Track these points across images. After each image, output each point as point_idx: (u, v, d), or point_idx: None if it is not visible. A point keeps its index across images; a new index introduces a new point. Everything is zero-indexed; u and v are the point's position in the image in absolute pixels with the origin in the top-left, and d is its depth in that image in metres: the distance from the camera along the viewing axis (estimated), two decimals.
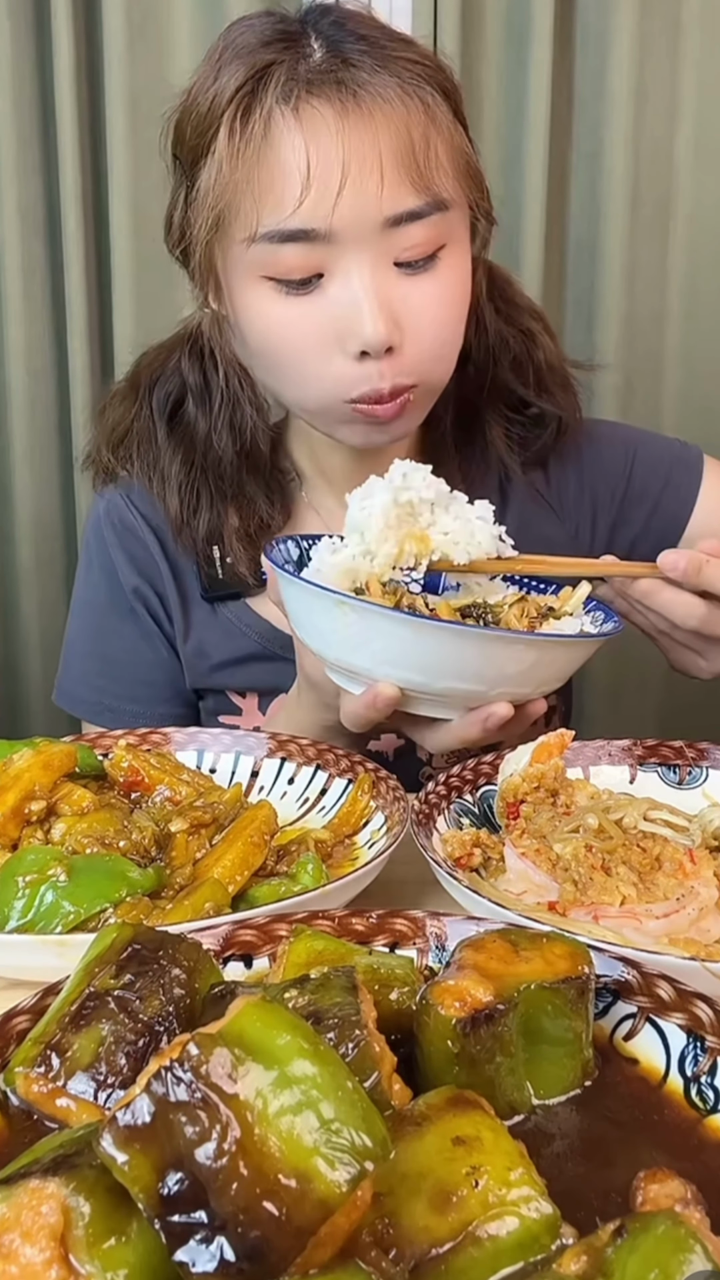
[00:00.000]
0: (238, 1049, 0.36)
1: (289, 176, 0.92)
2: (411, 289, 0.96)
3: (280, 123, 0.92)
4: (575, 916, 0.68)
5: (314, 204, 0.91)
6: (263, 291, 0.97)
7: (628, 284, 1.91)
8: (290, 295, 0.96)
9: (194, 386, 1.12)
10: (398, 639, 0.78)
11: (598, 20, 1.85)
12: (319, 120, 0.92)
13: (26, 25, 1.80)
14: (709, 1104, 0.48)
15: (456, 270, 0.99)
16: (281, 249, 0.93)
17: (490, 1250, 0.36)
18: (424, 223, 0.94)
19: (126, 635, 1.17)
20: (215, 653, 1.15)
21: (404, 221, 0.93)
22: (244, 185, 0.93)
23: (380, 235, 0.93)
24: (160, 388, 1.13)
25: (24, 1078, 0.46)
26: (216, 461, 1.11)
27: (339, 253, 0.93)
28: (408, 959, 0.54)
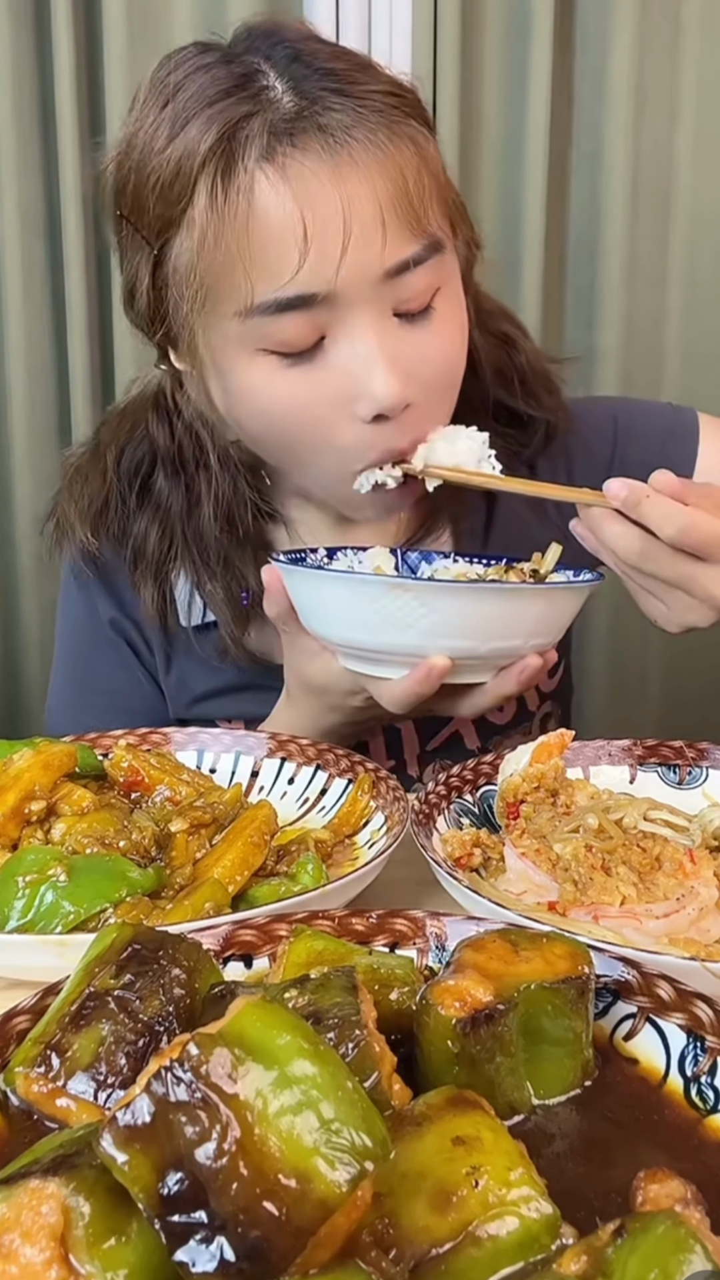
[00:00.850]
0: (238, 1049, 0.36)
1: (283, 241, 0.85)
2: (414, 339, 0.91)
3: (265, 183, 0.85)
4: (575, 916, 0.68)
5: (314, 267, 0.85)
6: (260, 364, 0.90)
7: (628, 282, 1.92)
8: (291, 365, 0.89)
9: (164, 453, 1.05)
10: (455, 609, 0.81)
11: (598, 20, 1.85)
12: (309, 175, 0.84)
13: (26, 25, 1.80)
14: (709, 1104, 0.48)
15: (454, 311, 0.95)
16: (280, 319, 0.87)
17: (490, 1250, 0.36)
18: (423, 268, 0.89)
19: (106, 665, 1.13)
20: (197, 684, 1.12)
21: (405, 270, 0.88)
22: (233, 256, 0.86)
23: (380, 287, 0.88)
24: (128, 456, 1.06)
25: (24, 1078, 0.46)
26: (198, 536, 1.05)
27: (340, 313, 0.87)
28: (408, 959, 0.54)
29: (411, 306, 0.90)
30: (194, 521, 1.05)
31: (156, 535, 1.05)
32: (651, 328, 1.96)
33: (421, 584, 0.83)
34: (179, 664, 1.12)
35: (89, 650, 1.15)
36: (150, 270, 0.93)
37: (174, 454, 1.05)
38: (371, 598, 0.82)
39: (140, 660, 1.13)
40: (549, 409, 1.12)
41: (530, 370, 1.11)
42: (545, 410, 1.11)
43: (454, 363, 0.95)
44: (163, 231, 0.90)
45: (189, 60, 0.91)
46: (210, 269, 0.87)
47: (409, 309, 0.90)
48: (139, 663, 1.13)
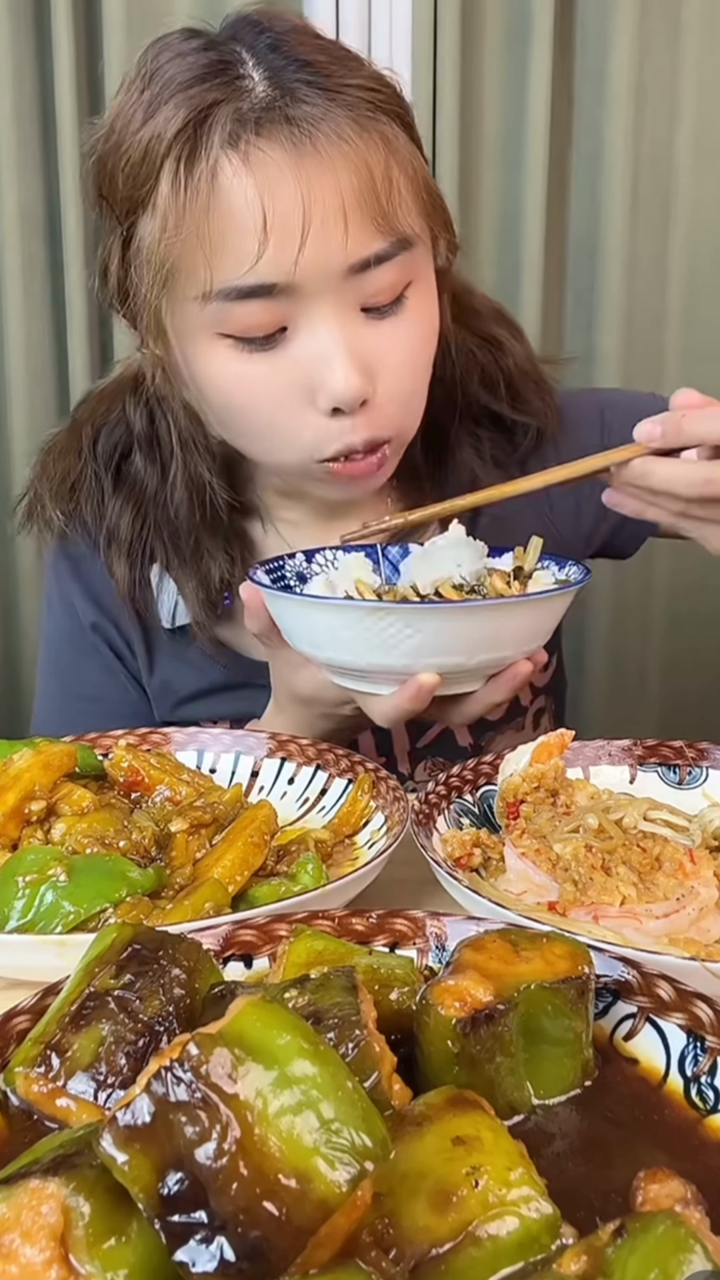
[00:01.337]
0: (238, 1049, 0.36)
1: (243, 230, 0.85)
2: (380, 335, 0.90)
3: (228, 170, 0.85)
4: (575, 916, 0.68)
5: (274, 257, 0.85)
6: (220, 350, 0.90)
7: (628, 282, 1.92)
8: (252, 352, 0.89)
9: (141, 436, 1.05)
10: (441, 629, 0.81)
11: (598, 20, 1.85)
12: (271, 165, 0.84)
13: (26, 25, 1.81)
14: (709, 1104, 0.48)
15: (424, 309, 0.94)
16: (239, 306, 0.87)
17: (490, 1250, 0.36)
18: (390, 264, 0.88)
19: (89, 670, 1.13)
20: (182, 686, 1.11)
21: (369, 266, 0.88)
22: (193, 241, 0.86)
23: (344, 282, 0.87)
24: (105, 438, 1.06)
25: (24, 1078, 0.46)
26: (170, 520, 1.05)
27: (302, 305, 0.87)
28: (408, 959, 0.54)
29: (378, 301, 0.90)
30: (166, 504, 1.05)
31: (130, 517, 1.05)
32: (651, 328, 1.96)
33: (404, 607, 0.81)
34: (162, 666, 1.11)
35: (73, 657, 1.14)
36: (120, 250, 0.93)
37: (150, 437, 1.05)
38: (353, 621, 0.81)
39: (124, 664, 1.12)
40: (538, 412, 1.10)
41: (518, 373, 1.09)
42: (534, 414, 1.10)
43: (419, 362, 0.95)
44: (130, 212, 0.90)
45: (173, 45, 0.92)
46: (171, 252, 0.88)
47: (375, 303, 0.90)
48: (122, 666, 1.12)
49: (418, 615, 0.80)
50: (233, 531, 1.07)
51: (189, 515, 1.04)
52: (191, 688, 1.11)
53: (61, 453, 1.09)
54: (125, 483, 1.06)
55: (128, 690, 1.13)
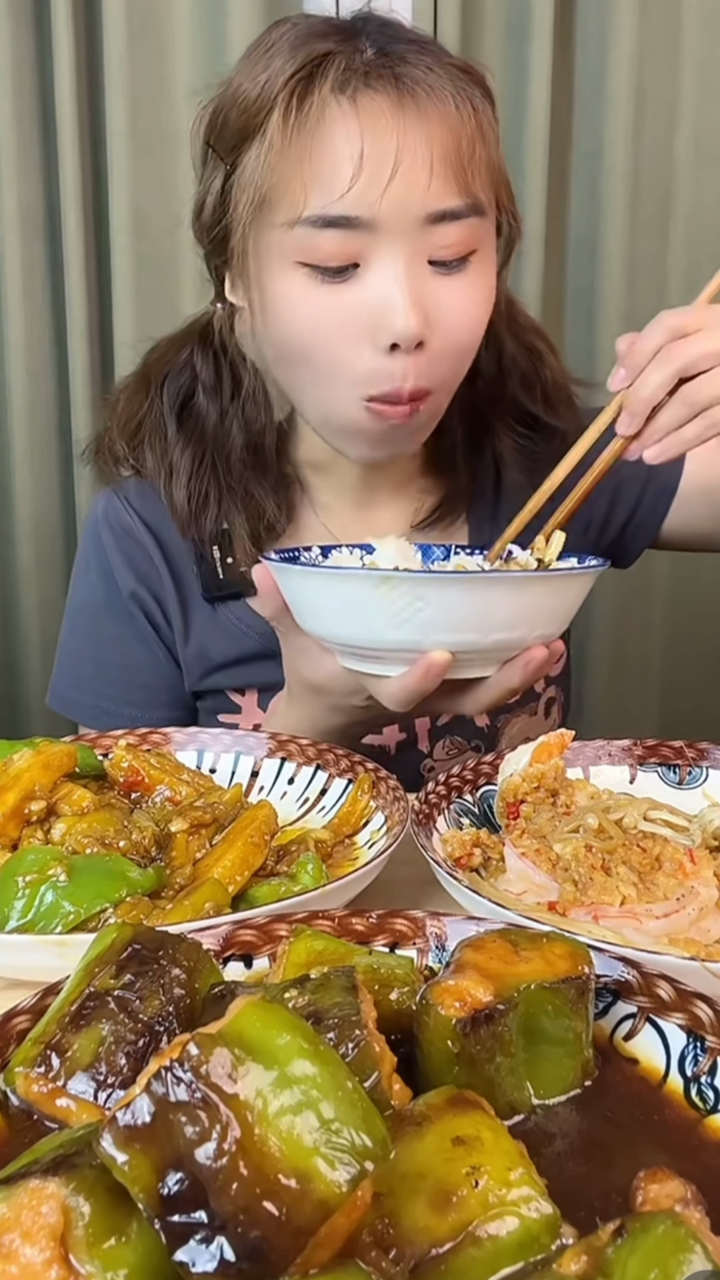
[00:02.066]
0: (238, 1049, 0.36)
1: (341, 161, 0.92)
2: (442, 288, 0.96)
3: (335, 109, 0.93)
4: (575, 916, 0.68)
5: (363, 190, 0.92)
6: (297, 277, 0.96)
7: (628, 283, 1.92)
8: (325, 283, 0.95)
9: (205, 381, 1.12)
10: (453, 601, 0.78)
11: (598, 20, 1.85)
12: (375, 110, 0.93)
13: (26, 25, 1.81)
14: (709, 1104, 0.48)
15: (485, 276, 1.00)
16: (322, 234, 0.93)
17: (490, 1250, 0.36)
18: (461, 224, 0.95)
19: (123, 639, 1.16)
20: (217, 654, 1.15)
21: (444, 220, 0.94)
22: (295, 166, 0.93)
23: (419, 230, 0.94)
24: (172, 381, 1.13)
25: (24, 1078, 0.46)
26: (226, 457, 1.11)
27: (377, 243, 0.94)
28: (408, 959, 0.54)
29: (445, 255, 0.96)
30: (224, 444, 1.11)
31: (190, 456, 1.11)
32: None
33: (414, 576, 0.78)
34: (197, 634, 1.15)
35: (107, 623, 1.17)
36: (221, 182, 1.00)
37: (214, 384, 1.12)
38: (363, 592, 0.79)
39: (158, 633, 1.16)
40: (566, 421, 1.16)
41: (553, 384, 1.17)
42: (562, 421, 1.16)
43: (474, 322, 1.00)
44: (238, 146, 0.98)
45: (290, 21, 1.01)
46: (271, 175, 0.95)
47: (443, 257, 0.96)
48: (156, 635, 1.16)
49: (427, 585, 0.78)
50: (280, 483, 1.13)
51: (242, 456, 1.11)
52: (226, 655, 1.14)
53: (131, 394, 1.15)
54: (188, 424, 1.12)
55: (157, 656, 1.16)
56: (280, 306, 0.98)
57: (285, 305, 0.98)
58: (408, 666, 0.82)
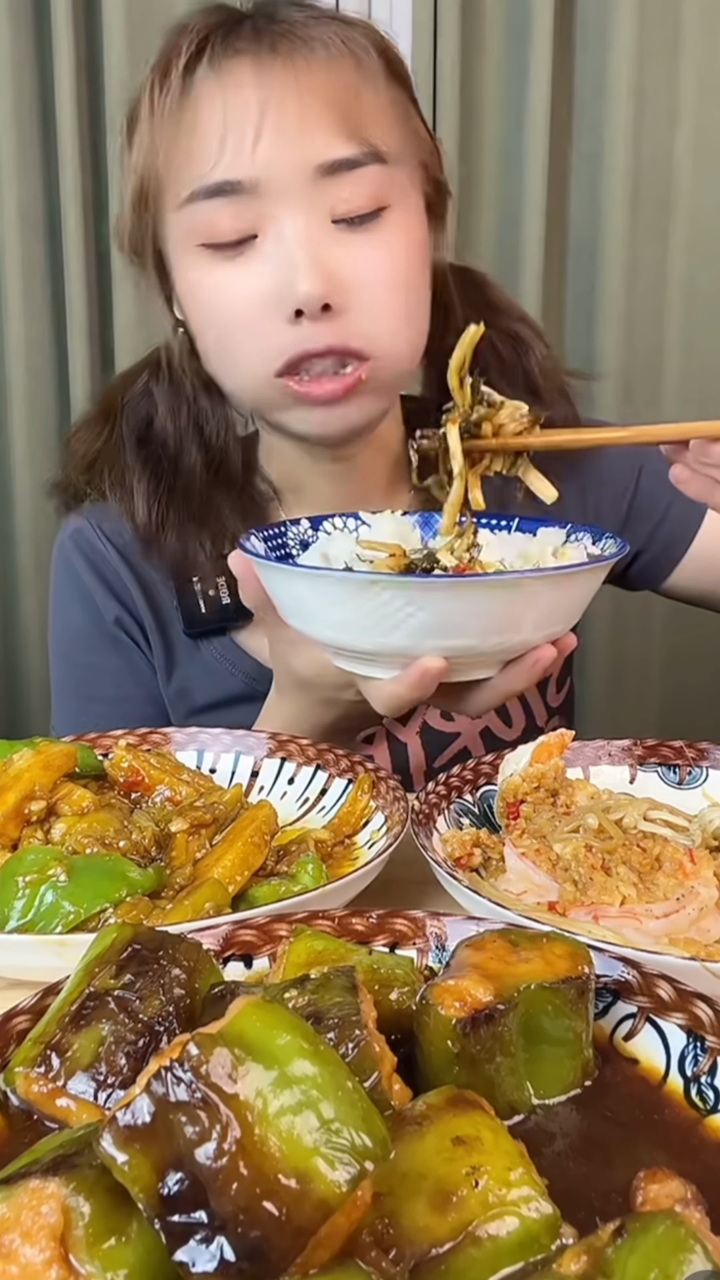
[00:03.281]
0: (238, 1049, 0.36)
1: (207, 130, 0.89)
2: (352, 246, 0.91)
3: (200, 81, 0.90)
4: (575, 916, 0.68)
5: (233, 153, 0.88)
6: (197, 260, 0.93)
7: (628, 284, 1.92)
8: (224, 260, 0.92)
9: (162, 404, 1.08)
10: (447, 607, 0.72)
11: (598, 20, 1.85)
12: (236, 71, 0.89)
13: (26, 25, 1.81)
14: (709, 1104, 0.48)
15: (403, 232, 0.94)
16: (210, 208, 0.90)
17: (490, 1250, 0.36)
18: (360, 174, 0.90)
19: (112, 669, 1.11)
20: (199, 695, 1.09)
21: (337, 171, 0.89)
22: (169, 148, 0.91)
23: (312, 186, 0.89)
24: (131, 409, 1.09)
25: (24, 1078, 0.46)
26: (187, 474, 1.06)
27: (270, 207, 0.89)
28: (408, 959, 0.54)
29: (348, 209, 0.91)
30: (181, 461, 1.06)
31: (148, 478, 1.06)
32: (651, 328, 1.96)
33: (403, 580, 0.72)
34: (180, 673, 1.10)
35: (91, 659, 1.11)
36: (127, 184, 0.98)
37: (170, 412, 1.07)
38: (348, 596, 0.72)
39: (146, 658, 1.11)
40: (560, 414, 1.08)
41: (541, 373, 1.09)
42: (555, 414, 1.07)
43: (394, 280, 0.94)
44: (129, 140, 0.96)
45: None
46: (151, 164, 0.93)
47: (346, 213, 0.91)
48: (145, 658, 1.11)
49: (419, 590, 0.71)
50: (246, 494, 1.08)
51: (202, 475, 1.06)
52: (209, 697, 1.09)
53: (89, 428, 1.12)
54: (146, 448, 1.08)
55: (150, 687, 1.11)
56: (190, 295, 0.96)
57: (193, 293, 0.95)
58: (397, 670, 0.77)
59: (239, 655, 1.08)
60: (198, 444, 1.06)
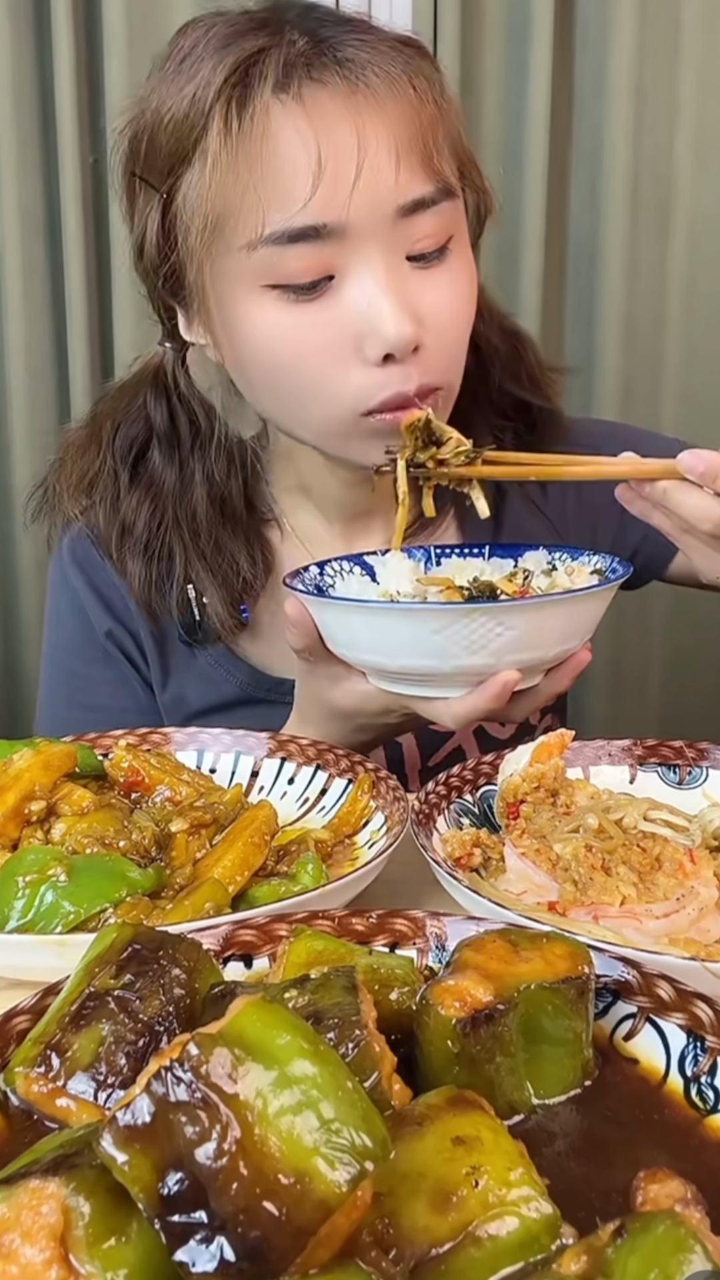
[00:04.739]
0: (238, 1049, 0.36)
1: (297, 168, 0.84)
2: (427, 283, 0.90)
3: (280, 111, 0.85)
4: (575, 916, 0.68)
5: (327, 196, 0.84)
6: (266, 302, 0.89)
7: (627, 284, 1.92)
8: (299, 302, 0.88)
9: (161, 429, 1.04)
10: (532, 625, 0.80)
11: (598, 20, 1.85)
12: (325, 104, 0.85)
13: (26, 25, 1.81)
14: (709, 1104, 0.48)
15: (466, 262, 0.94)
16: (288, 251, 0.86)
17: (490, 1250, 0.36)
18: (434, 211, 0.88)
19: (104, 680, 1.10)
20: (195, 700, 1.08)
21: (415, 210, 0.87)
22: (246, 183, 0.85)
23: (392, 227, 0.87)
24: (124, 432, 1.05)
25: (24, 1078, 0.46)
26: (190, 514, 1.03)
27: (350, 249, 0.86)
28: (408, 959, 0.54)
29: (423, 248, 0.89)
30: (186, 500, 1.03)
31: (147, 513, 1.03)
32: (651, 328, 1.96)
33: (498, 606, 0.80)
34: (176, 679, 1.09)
35: (84, 668, 1.11)
36: (160, 213, 0.91)
37: (170, 432, 1.04)
38: (444, 624, 0.79)
39: (139, 672, 1.10)
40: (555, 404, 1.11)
41: (539, 369, 1.10)
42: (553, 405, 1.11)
43: (465, 313, 0.94)
44: (174, 168, 0.89)
45: (201, 23, 0.92)
46: (221, 198, 0.86)
47: (421, 250, 0.89)
48: (137, 675, 1.10)
49: (508, 613, 0.79)
50: (253, 533, 1.06)
51: (208, 512, 1.03)
52: (204, 702, 1.08)
53: (81, 448, 1.07)
54: (142, 478, 1.04)
55: (140, 699, 1.10)
56: (253, 337, 0.91)
57: (258, 334, 0.90)
58: (467, 687, 0.82)
59: (234, 662, 1.08)
60: (202, 476, 1.03)
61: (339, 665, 0.89)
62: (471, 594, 0.89)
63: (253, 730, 0.94)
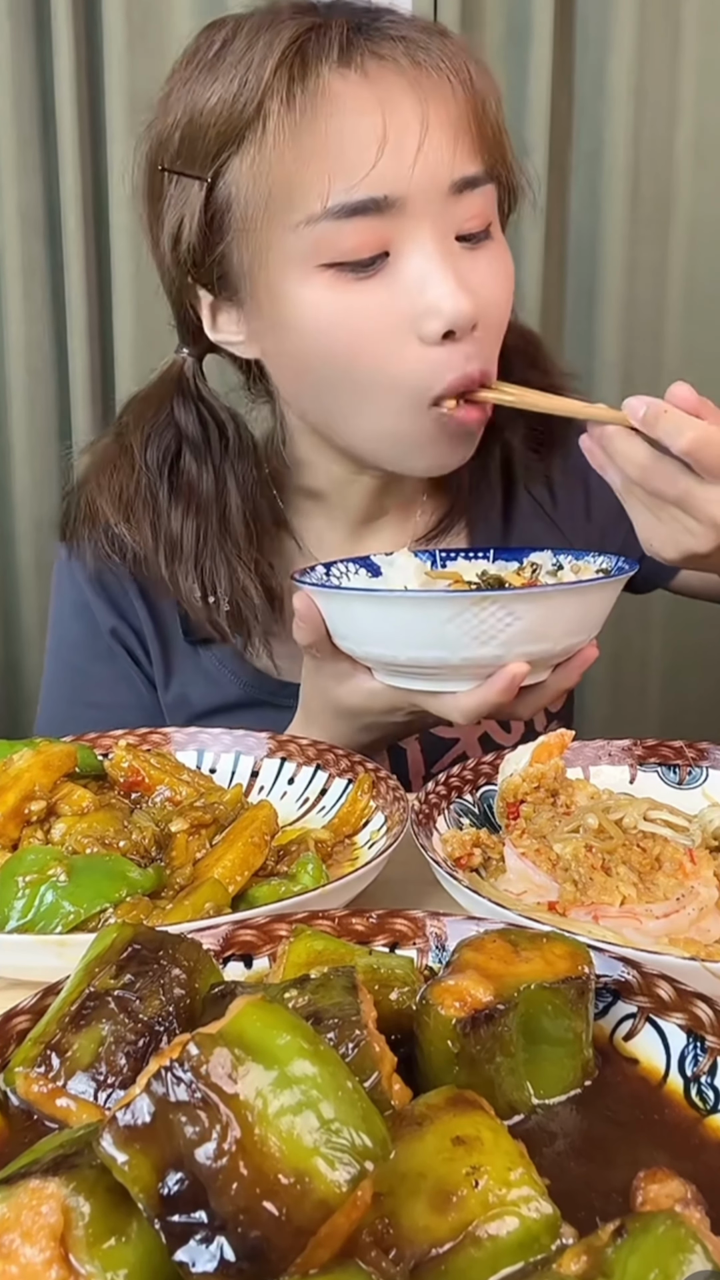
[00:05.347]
0: (238, 1049, 0.36)
1: (361, 140, 0.83)
2: (476, 264, 0.90)
3: (343, 84, 0.84)
4: (575, 916, 0.68)
5: (390, 167, 0.83)
6: (320, 283, 0.87)
7: (628, 283, 1.92)
8: (354, 281, 0.86)
9: (192, 437, 1.02)
10: (541, 615, 0.79)
11: (598, 20, 1.85)
12: (390, 77, 0.84)
13: (26, 25, 1.81)
14: (709, 1104, 0.48)
15: (504, 249, 0.94)
16: (345, 226, 0.85)
17: (490, 1250, 0.36)
18: (482, 192, 0.88)
19: (107, 678, 1.09)
20: (198, 701, 1.08)
21: (466, 189, 0.87)
22: (308, 155, 0.84)
23: (445, 203, 0.86)
24: (155, 443, 1.02)
25: (24, 1078, 0.46)
26: (227, 524, 1.01)
27: (405, 225, 0.86)
28: (408, 959, 0.54)
29: (471, 227, 0.89)
30: (222, 510, 1.02)
31: (192, 528, 1.01)
32: (651, 328, 1.96)
33: (508, 595, 0.79)
34: (179, 679, 1.09)
35: (87, 665, 1.10)
36: (203, 200, 0.89)
37: (202, 438, 1.02)
38: (455, 613, 0.78)
39: (142, 670, 1.10)
40: None
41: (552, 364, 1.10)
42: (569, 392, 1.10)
43: (508, 295, 0.94)
44: (224, 149, 0.87)
45: (229, 20, 0.91)
46: (281, 171, 0.85)
47: (469, 230, 0.89)
48: (140, 673, 1.10)
49: (520, 601, 0.78)
50: (274, 538, 1.06)
51: (243, 519, 1.01)
52: (208, 703, 1.08)
53: (114, 465, 1.04)
54: (179, 489, 1.02)
55: (143, 697, 1.09)
56: (305, 321, 0.89)
57: (313, 317, 0.88)
58: (475, 681, 0.81)
59: (238, 662, 1.08)
60: (235, 484, 1.02)
61: (346, 662, 0.88)
62: (480, 586, 0.89)
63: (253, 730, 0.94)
